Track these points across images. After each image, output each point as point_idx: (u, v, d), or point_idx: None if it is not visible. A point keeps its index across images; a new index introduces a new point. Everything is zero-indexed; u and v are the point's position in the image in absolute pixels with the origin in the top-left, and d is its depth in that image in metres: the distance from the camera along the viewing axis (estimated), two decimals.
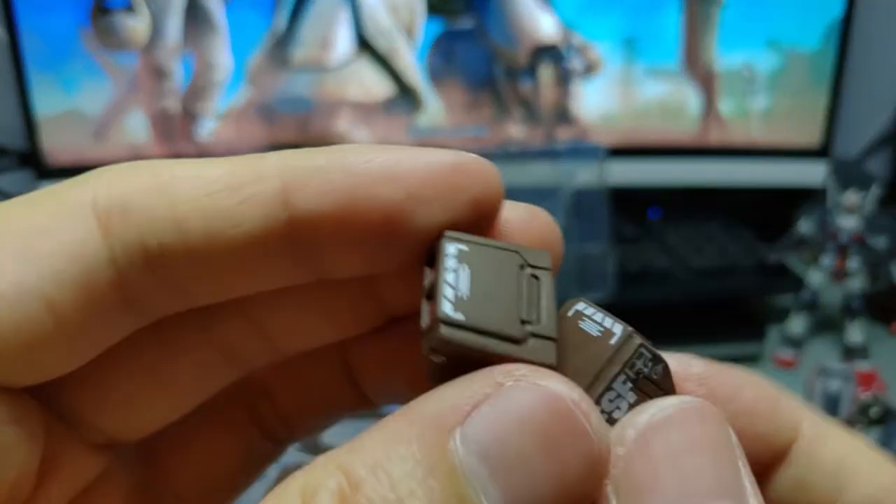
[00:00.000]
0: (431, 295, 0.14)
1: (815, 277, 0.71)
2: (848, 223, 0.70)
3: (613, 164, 0.71)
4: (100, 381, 0.15)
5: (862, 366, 0.68)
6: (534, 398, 0.12)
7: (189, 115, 0.77)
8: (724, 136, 0.79)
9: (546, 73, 0.77)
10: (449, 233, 0.14)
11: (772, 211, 0.85)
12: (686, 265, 0.73)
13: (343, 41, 0.75)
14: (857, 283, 0.70)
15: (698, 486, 0.12)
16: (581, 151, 0.71)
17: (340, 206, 0.14)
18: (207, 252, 0.13)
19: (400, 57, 0.76)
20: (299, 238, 0.14)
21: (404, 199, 0.14)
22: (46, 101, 0.74)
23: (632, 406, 0.14)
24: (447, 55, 0.77)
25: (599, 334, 0.14)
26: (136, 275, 0.13)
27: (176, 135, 0.77)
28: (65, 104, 0.75)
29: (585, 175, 0.69)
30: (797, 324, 0.72)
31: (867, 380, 0.66)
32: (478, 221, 0.15)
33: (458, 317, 0.13)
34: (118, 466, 0.16)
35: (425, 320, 0.14)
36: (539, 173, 0.71)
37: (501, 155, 0.72)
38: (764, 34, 0.76)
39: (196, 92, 0.76)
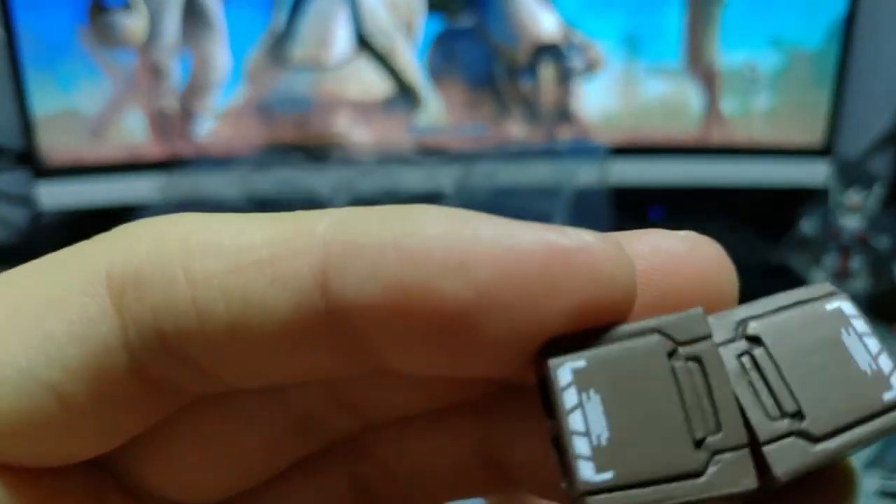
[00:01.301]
0: (558, 445, 0.10)
1: (818, 278, 0.71)
2: (850, 223, 0.69)
3: (615, 163, 0.71)
4: (161, 453, 0.13)
5: None
6: None
7: (187, 114, 0.76)
8: (726, 136, 0.78)
9: (547, 71, 0.77)
10: (552, 348, 0.10)
11: (774, 211, 0.84)
12: None
13: (342, 40, 0.75)
14: (859, 284, 0.70)
15: None
16: (582, 151, 0.71)
17: (390, 297, 0.10)
18: (232, 340, 0.11)
19: (399, 55, 0.76)
20: (343, 329, 0.11)
21: (474, 300, 0.10)
22: (44, 100, 0.74)
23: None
24: (447, 54, 0.76)
25: (870, 372, 0.10)
26: (154, 360, 0.11)
27: (174, 134, 0.77)
28: (62, 103, 0.75)
29: (586, 174, 0.69)
30: None
31: None
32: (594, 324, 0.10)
33: (607, 477, 0.09)
34: None
35: (564, 482, 0.10)
36: (540, 173, 0.71)
37: (502, 154, 0.72)
38: (766, 33, 0.75)
39: (194, 91, 0.76)
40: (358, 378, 0.13)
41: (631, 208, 0.80)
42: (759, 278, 0.72)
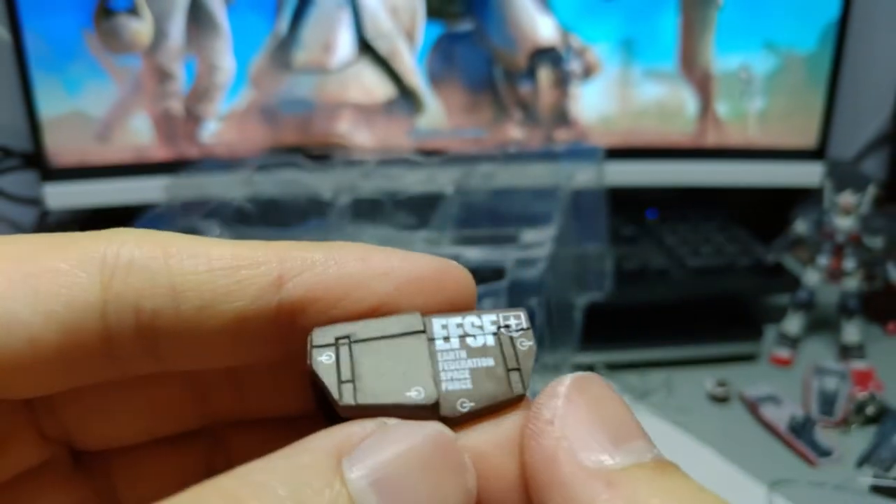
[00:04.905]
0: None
1: (812, 277, 0.72)
2: (844, 223, 0.70)
3: (611, 165, 0.71)
4: (86, 401, 0.16)
5: (858, 365, 0.69)
6: (418, 432, 0.14)
7: (192, 117, 0.77)
8: (720, 138, 0.79)
9: (545, 75, 0.77)
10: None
11: (768, 211, 0.85)
12: (683, 265, 0.73)
13: (344, 43, 0.76)
14: (853, 283, 0.71)
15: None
16: (579, 152, 0.72)
17: (331, 294, 0.15)
18: (197, 324, 0.15)
19: (400, 59, 0.77)
20: (284, 320, 0.15)
21: (392, 292, 0.16)
22: (50, 103, 0.75)
23: (488, 348, 0.16)
24: (447, 57, 0.77)
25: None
26: (123, 333, 0.15)
27: (179, 136, 0.78)
28: (68, 105, 0.75)
29: (584, 176, 0.69)
30: (794, 323, 0.72)
31: (863, 378, 0.67)
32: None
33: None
34: (70, 468, 0.17)
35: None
36: (538, 174, 0.72)
37: (501, 156, 0.73)
38: (761, 36, 0.76)
39: (199, 94, 0.77)
40: (258, 374, 0.18)
41: (627, 209, 0.81)
42: (754, 278, 0.73)
